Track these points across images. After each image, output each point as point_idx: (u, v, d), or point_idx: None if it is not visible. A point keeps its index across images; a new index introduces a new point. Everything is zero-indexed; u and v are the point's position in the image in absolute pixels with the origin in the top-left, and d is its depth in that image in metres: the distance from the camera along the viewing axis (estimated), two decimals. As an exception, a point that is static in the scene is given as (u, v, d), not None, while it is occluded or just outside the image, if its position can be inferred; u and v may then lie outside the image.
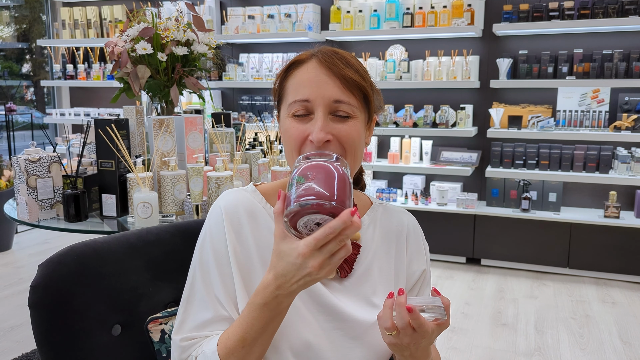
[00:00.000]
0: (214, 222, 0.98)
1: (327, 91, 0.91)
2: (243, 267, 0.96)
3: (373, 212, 1.10)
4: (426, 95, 4.34)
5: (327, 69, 0.92)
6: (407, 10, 4.07)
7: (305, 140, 0.92)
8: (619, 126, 3.73)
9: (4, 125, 5.20)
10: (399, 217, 1.12)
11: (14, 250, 4.41)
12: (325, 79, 0.92)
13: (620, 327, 3.05)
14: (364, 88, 0.94)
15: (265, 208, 1.01)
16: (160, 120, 2.01)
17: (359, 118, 0.94)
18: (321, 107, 0.91)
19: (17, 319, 3.12)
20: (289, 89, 0.95)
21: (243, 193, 1.02)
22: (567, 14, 3.68)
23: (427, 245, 1.14)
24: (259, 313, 0.84)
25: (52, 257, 1.07)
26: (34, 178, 1.98)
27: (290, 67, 0.97)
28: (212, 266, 0.96)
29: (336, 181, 0.77)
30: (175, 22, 2.16)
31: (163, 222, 1.92)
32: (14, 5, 6.59)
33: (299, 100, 0.92)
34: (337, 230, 0.73)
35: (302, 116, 0.93)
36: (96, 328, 1.09)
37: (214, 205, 1.01)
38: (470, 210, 4.02)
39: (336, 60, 0.93)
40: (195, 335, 0.96)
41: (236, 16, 4.57)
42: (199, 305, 0.96)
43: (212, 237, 0.98)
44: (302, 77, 0.93)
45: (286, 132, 0.95)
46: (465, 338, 2.92)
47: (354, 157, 0.95)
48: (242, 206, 0.99)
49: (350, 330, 0.98)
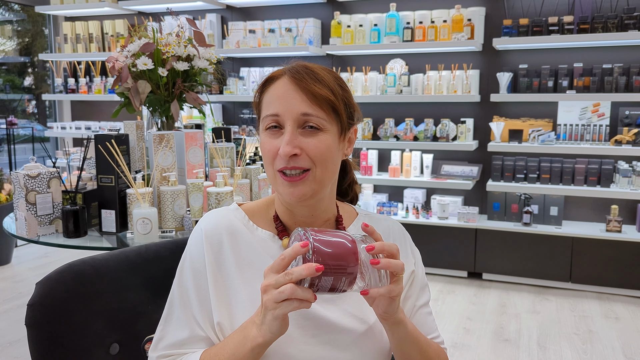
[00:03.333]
0: (194, 243, 1.01)
1: (294, 106, 0.94)
2: (222, 286, 0.98)
3: (359, 222, 1.11)
4: (427, 109, 4.34)
5: (296, 85, 0.95)
6: (407, 25, 4.09)
7: (276, 154, 0.95)
8: (620, 140, 3.72)
9: (5, 139, 5.20)
10: (385, 223, 1.12)
11: (14, 265, 4.39)
12: (293, 94, 0.95)
13: (624, 343, 3.02)
14: (331, 102, 0.96)
15: (247, 226, 1.03)
16: (160, 136, 2.00)
17: (329, 131, 0.96)
18: (290, 121, 0.94)
19: (15, 335, 3.09)
20: (263, 105, 0.99)
21: (225, 212, 1.05)
22: (567, 29, 3.70)
23: (416, 249, 1.14)
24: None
25: (50, 274, 1.06)
26: (34, 194, 1.98)
27: (265, 83, 1.00)
28: (190, 286, 0.99)
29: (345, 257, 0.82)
30: (176, 37, 2.17)
31: (163, 237, 1.91)
32: (16, 19, 6.63)
33: (269, 115, 0.96)
34: (287, 255, 0.81)
35: (274, 129, 0.96)
36: (94, 347, 1.07)
37: (195, 227, 1.04)
38: (472, 224, 4.01)
39: (304, 75, 0.96)
40: (172, 352, 0.99)
41: (237, 30, 4.60)
42: (176, 324, 0.99)
43: (191, 258, 1.01)
44: (273, 93, 0.97)
45: (261, 146, 0.99)
46: (467, 354, 2.89)
47: (324, 169, 0.96)
48: (222, 225, 1.01)
49: (340, 342, 0.97)
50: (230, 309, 0.97)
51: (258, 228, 1.03)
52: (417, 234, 4.08)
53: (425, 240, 4.09)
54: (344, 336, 0.97)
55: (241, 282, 0.98)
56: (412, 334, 0.97)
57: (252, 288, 0.97)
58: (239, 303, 0.97)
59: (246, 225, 1.03)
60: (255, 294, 0.96)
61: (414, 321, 1.07)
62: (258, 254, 1.00)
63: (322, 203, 1.02)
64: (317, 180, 0.95)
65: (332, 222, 1.06)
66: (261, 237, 1.02)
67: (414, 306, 1.08)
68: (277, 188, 0.97)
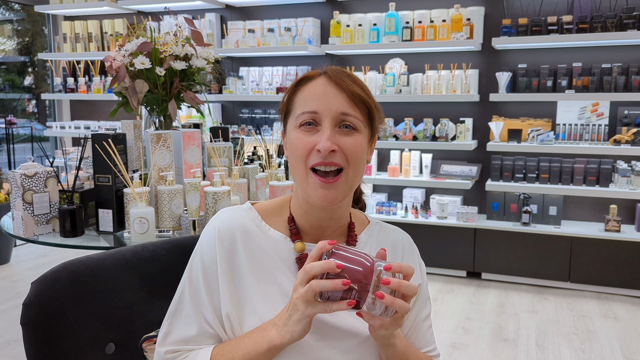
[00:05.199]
0: (206, 241, 1.01)
1: (334, 104, 0.95)
2: (232, 284, 0.98)
3: (370, 230, 1.11)
4: (426, 109, 4.34)
5: (336, 84, 0.96)
6: (406, 24, 4.09)
7: (311, 150, 0.95)
8: (619, 140, 3.72)
9: (4, 138, 5.20)
10: (395, 234, 1.13)
11: (12, 264, 4.39)
12: (333, 92, 0.96)
13: (623, 343, 3.01)
14: (368, 104, 0.98)
15: (259, 226, 1.03)
16: (157, 135, 2.00)
17: (363, 133, 0.98)
18: (328, 119, 0.94)
19: (13, 334, 3.09)
20: (297, 103, 0.98)
21: (238, 211, 1.04)
22: (566, 28, 3.69)
23: (422, 262, 1.14)
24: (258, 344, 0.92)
25: (46, 274, 1.06)
26: (30, 193, 1.97)
27: (299, 83, 1.00)
28: (201, 283, 0.99)
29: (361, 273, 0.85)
30: (173, 36, 2.16)
31: (160, 237, 1.91)
32: (16, 19, 6.63)
33: (307, 111, 0.96)
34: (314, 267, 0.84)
35: (309, 126, 0.95)
36: (90, 346, 1.07)
37: (209, 223, 1.03)
38: (471, 223, 4.01)
39: (344, 77, 0.97)
40: (180, 348, 0.99)
41: (236, 30, 4.59)
42: (185, 320, 0.99)
43: (203, 255, 1.00)
44: (310, 92, 0.97)
45: (292, 143, 0.98)
46: (466, 353, 2.89)
47: (355, 170, 0.97)
48: (236, 225, 1.01)
49: (344, 346, 0.97)
50: (240, 306, 0.97)
51: (270, 229, 1.03)
52: (416, 233, 4.08)
53: (424, 240, 4.09)
54: (349, 340, 0.98)
55: (251, 281, 0.98)
56: (402, 355, 0.98)
57: (261, 288, 0.98)
58: (248, 302, 0.97)
59: (258, 226, 1.02)
60: (265, 293, 0.97)
61: (415, 332, 1.08)
62: (269, 255, 1.00)
63: (341, 208, 1.02)
64: (348, 183, 0.97)
65: (344, 229, 1.06)
66: (273, 239, 1.02)
67: (416, 318, 1.08)
68: (307, 189, 0.96)
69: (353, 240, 1.05)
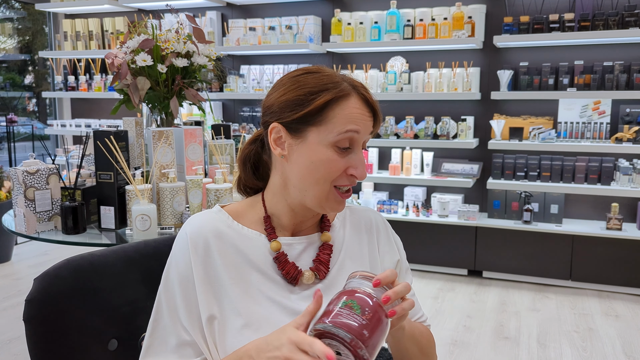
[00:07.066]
0: (180, 248, 1.01)
1: (368, 127, 0.98)
2: (210, 288, 0.97)
3: (341, 215, 1.14)
4: (427, 107, 4.34)
5: (368, 106, 0.98)
6: (407, 22, 4.08)
7: (344, 172, 0.97)
8: (621, 138, 3.72)
9: (5, 136, 5.20)
10: (366, 215, 1.16)
11: (14, 262, 4.39)
12: (368, 114, 0.98)
13: (624, 341, 3.01)
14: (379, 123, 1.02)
15: (232, 226, 1.03)
16: (159, 132, 2.00)
17: None
18: (361, 142, 0.98)
19: (15, 332, 3.09)
20: (336, 118, 0.94)
21: (209, 214, 1.04)
22: (568, 26, 3.69)
23: (397, 237, 1.18)
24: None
25: (48, 270, 1.05)
26: (32, 190, 1.97)
27: (335, 99, 0.95)
28: (176, 291, 0.98)
29: (382, 337, 0.79)
30: (175, 33, 2.16)
31: (162, 234, 1.91)
32: (17, 17, 6.63)
33: (350, 130, 0.95)
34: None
35: (345, 150, 0.96)
36: (92, 343, 1.07)
37: (180, 231, 1.03)
38: (472, 222, 4.00)
39: (372, 97, 0.99)
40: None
41: (237, 28, 4.59)
42: (163, 330, 0.99)
43: (177, 263, 1.00)
44: (352, 111, 0.96)
45: (322, 161, 0.95)
46: (467, 351, 2.89)
47: None
48: (207, 228, 1.01)
49: None
50: (220, 309, 0.97)
51: (244, 227, 1.04)
52: (417, 232, 4.08)
53: (425, 238, 4.09)
54: None
55: (229, 282, 0.98)
56: (410, 334, 0.99)
57: (240, 287, 0.98)
58: (228, 303, 0.97)
59: (231, 226, 1.03)
60: (244, 292, 0.97)
61: None
62: (244, 254, 1.01)
63: None
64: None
65: (318, 217, 1.09)
66: (248, 237, 1.03)
67: None
68: (322, 201, 0.98)
69: (327, 227, 1.08)
